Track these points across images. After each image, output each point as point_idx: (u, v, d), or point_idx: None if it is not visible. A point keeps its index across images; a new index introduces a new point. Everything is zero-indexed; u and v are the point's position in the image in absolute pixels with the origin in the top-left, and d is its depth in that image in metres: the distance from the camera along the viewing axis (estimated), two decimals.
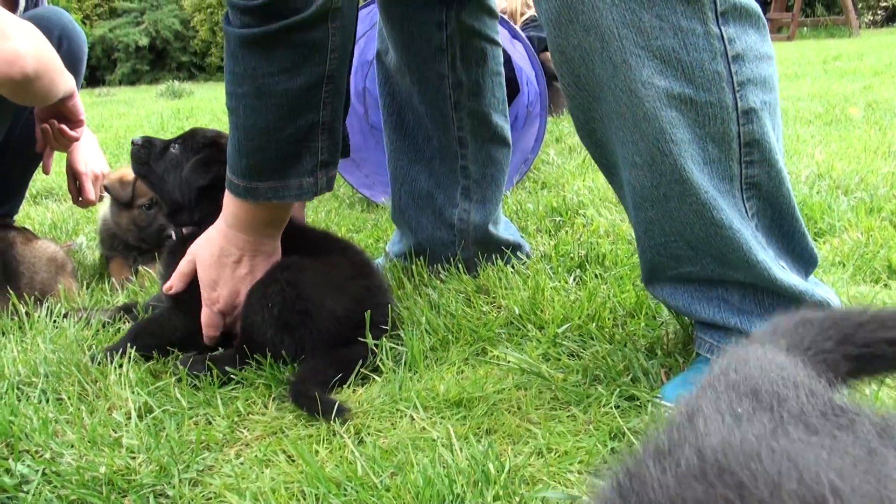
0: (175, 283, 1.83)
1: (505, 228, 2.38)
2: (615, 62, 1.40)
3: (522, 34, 3.46)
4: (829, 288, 1.65)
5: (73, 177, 2.61)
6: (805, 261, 1.58)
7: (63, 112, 2.39)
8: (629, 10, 1.36)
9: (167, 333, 1.85)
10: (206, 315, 1.81)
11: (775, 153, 1.45)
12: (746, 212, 1.48)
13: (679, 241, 1.51)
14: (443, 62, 2.14)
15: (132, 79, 19.88)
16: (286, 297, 1.70)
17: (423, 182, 2.28)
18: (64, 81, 2.23)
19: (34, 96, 2.13)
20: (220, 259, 1.78)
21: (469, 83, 2.19)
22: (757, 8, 1.43)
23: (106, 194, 2.66)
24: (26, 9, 2.67)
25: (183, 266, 1.83)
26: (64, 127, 2.40)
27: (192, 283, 1.83)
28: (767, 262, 1.48)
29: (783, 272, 1.50)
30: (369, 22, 3.74)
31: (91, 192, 2.60)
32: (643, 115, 1.41)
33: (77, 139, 2.48)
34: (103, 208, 2.69)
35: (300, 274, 1.75)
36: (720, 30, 1.37)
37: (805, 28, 16.77)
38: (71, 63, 2.73)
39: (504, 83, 2.29)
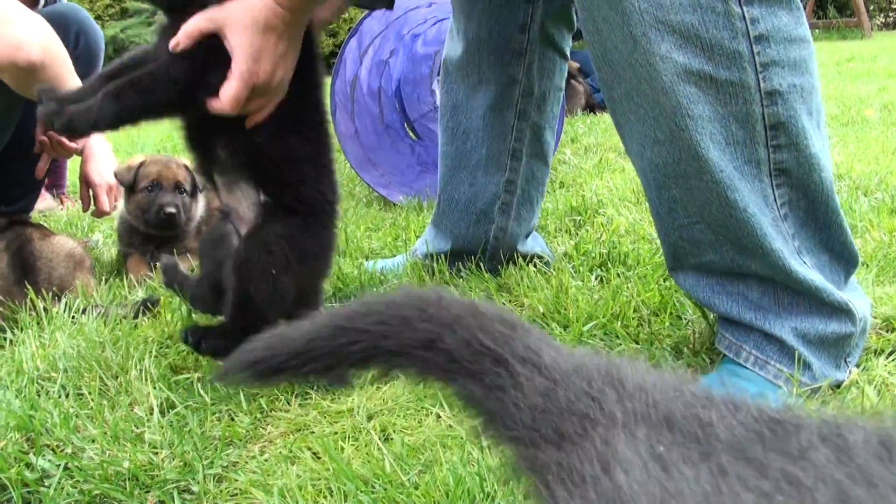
0: (182, 39, 1.57)
1: (533, 238, 2.34)
2: (635, 35, 1.40)
3: None
4: (861, 293, 1.62)
5: (87, 186, 2.59)
6: (845, 259, 1.55)
7: None
8: None
9: (162, 88, 1.60)
10: (235, 89, 1.58)
11: (805, 138, 1.43)
12: (775, 200, 1.45)
13: (700, 222, 1.50)
14: (519, 66, 2.07)
15: None
16: (289, 259, 1.64)
17: (463, 191, 2.21)
18: (72, 84, 2.21)
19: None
20: (265, 30, 1.60)
21: (538, 95, 2.11)
22: None
23: (119, 202, 2.65)
24: (45, 5, 2.67)
25: (198, 22, 1.57)
26: (63, 139, 2.37)
27: (199, 44, 1.59)
28: (784, 251, 1.46)
29: (801, 266, 1.47)
30: (385, 21, 3.73)
31: (105, 203, 2.57)
32: (661, 89, 1.41)
33: (76, 150, 2.44)
34: (121, 205, 2.68)
35: (296, 239, 1.67)
36: (742, 9, 1.36)
37: (817, 30, 16.69)
38: (88, 59, 2.73)
39: (562, 98, 2.23)
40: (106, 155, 2.64)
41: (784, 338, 1.49)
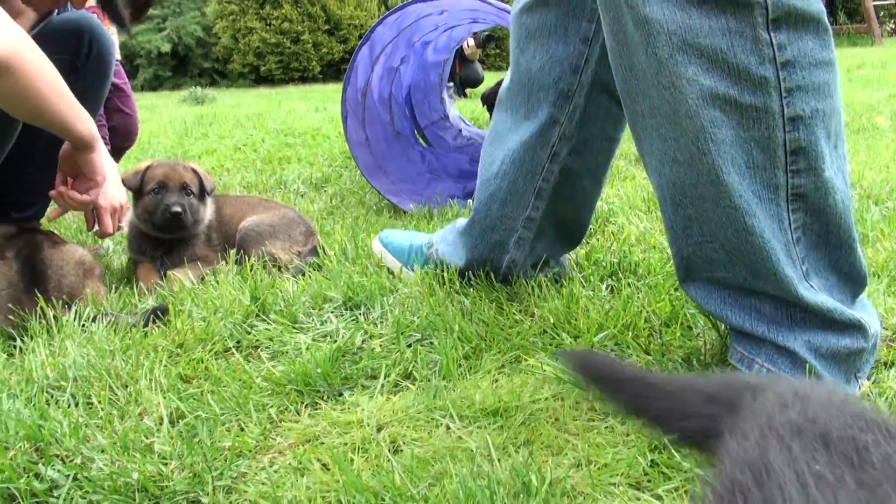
0: None
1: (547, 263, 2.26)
2: (660, 57, 1.39)
3: None
4: (871, 309, 1.61)
5: (92, 207, 2.56)
6: (853, 280, 1.54)
7: (81, 166, 2.35)
8: (679, 7, 1.36)
9: None
10: None
11: (822, 162, 1.42)
12: (790, 224, 1.45)
13: (714, 243, 1.50)
14: (563, 108, 1.94)
15: (154, 84, 20.00)
16: None
17: (481, 216, 2.12)
18: (66, 113, 2.17)
19: (2, 95, 2.04)
20: None
21: (577, 139, 1.99)
22: (819, 13, 1.39)
23: (124, 222, 2.65)
24: (58, 13, 2.67)
25: None
26: (73, 193, 2.35)
27: None
28: (794, 278, 1.45)
29: (809, 291, 1.47)
30: (396, 28, 3.73)
31: (109, 225, 2.52)
32: (685, 111, 1.40)
33: (87, 203, 2.38)
34: (130, 212, 2.68)
35: None
36: (770, 36, 1.35)
37: None
38: (99, 66, 2.73)
39: (615, 150, 2.13)
40: (113, 176, 2.61)
41: (797, 350, 1.48)
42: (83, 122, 2.24)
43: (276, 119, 8.13)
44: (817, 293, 1.48)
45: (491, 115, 5.10)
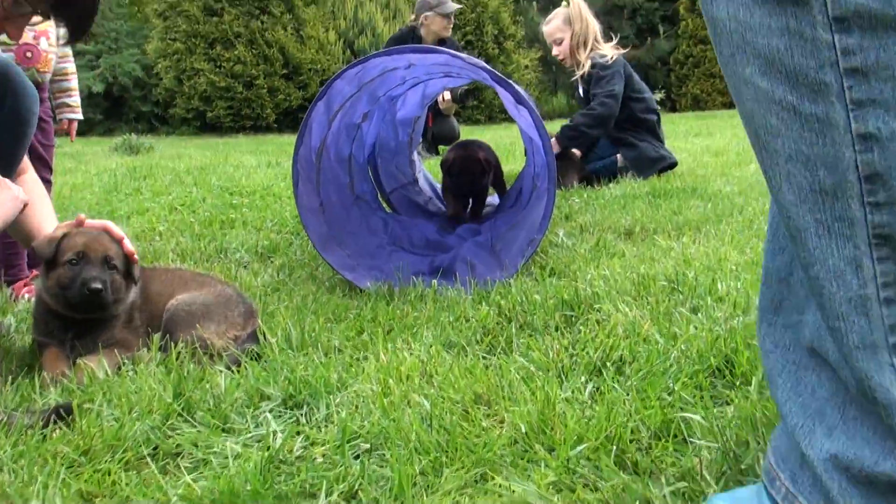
0: None
1: None
2: (724, 56, 1.42)
3: (528, 99, 3.46)
4: None
5: None
6: None
7: None
8: (743, 5, 1.36)
9: None
10: None
11: None
12: (876, 276, 1.33)
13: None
14: None
15: (83, 128, 19.89)
16: None
17: None
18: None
19: None
20: None
21: None
22: None
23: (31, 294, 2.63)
24: None
25: None
26: None
27: None
28: (854, 338, 1.33)
29: (877, 370, 1.31)
30: (357, 83, 3.74)
31: None
32: (744, 113, 1.42)
33: None
34: (38, 285, 2.63)
35: None
36: (832, 37, 1.30)
37: None
38: (14, 124, 2.70)
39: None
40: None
41: (815, 465, 1.37)
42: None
43: (220, 174, 8.13)
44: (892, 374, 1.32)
45: (452, 181, 5.09)
